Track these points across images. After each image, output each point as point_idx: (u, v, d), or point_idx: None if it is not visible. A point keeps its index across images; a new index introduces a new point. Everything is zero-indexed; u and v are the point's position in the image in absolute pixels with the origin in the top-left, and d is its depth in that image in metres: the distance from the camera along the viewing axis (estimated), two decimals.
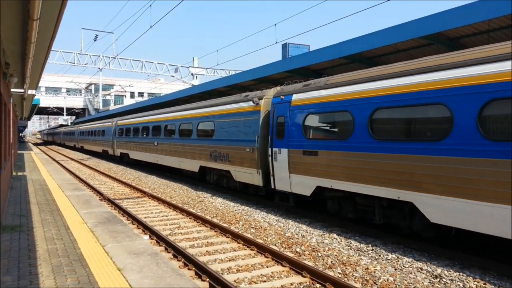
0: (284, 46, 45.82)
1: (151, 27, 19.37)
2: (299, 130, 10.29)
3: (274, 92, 12.19)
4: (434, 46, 11.19)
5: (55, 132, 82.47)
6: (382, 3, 10.25)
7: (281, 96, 11.11)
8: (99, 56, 45.31)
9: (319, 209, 10.95)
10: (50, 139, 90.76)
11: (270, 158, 11.33)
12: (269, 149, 11.38)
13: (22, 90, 13.58)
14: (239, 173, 12.99)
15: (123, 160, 29.38)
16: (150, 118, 22.83)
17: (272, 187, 11.38)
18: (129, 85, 67.97)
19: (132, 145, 25.51)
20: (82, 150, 48.60)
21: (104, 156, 37.19)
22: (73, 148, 55.73)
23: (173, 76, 49.17)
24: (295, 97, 10.62)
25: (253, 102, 12.31)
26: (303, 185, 10.09)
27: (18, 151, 37.60)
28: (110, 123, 31.79)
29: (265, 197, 12.66)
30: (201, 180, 17.31)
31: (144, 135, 23.30)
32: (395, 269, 6.73)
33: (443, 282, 6.16)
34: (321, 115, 9.83)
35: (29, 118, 46.01)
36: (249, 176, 12.45)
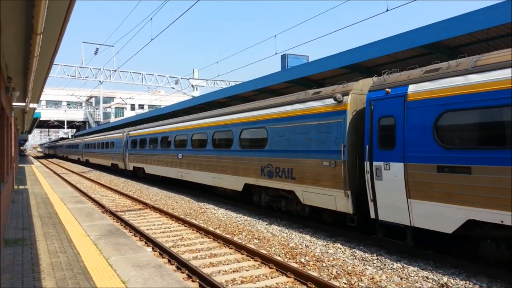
0: (283, 57, 46.15)
1: (151, 40, 19.52)
2: (427, 136, 7.29)
3: (365, 84, 9.46)
4: (433, 55, 11.26)
5: (57, 145, 79.54)
6: (381, 14, 10.36)
7: (386, 89, 8.18)
8: (99, 69, 45.55)
9: (466, 253, 7.90)
10: (52, 152, 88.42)
11: (368, 175, 8.41)
12: (366, 163, 8.46)
13: (24, 104, 13.63)
14: (311, 195, 10.07)
15: (138, 176, 26.17)
16: (172, 127, 19.64)
17: (372, 216, 8.40)
18: (130, 98, 68.31)
19: (149, 158, 22.39)
20: (87, 163, 46.09)
21: (105, 168, 36.99)
22: (77, 162, 53.57)
23: (173, 88, 49.36)
24: (413, 88, 7.66)
25: (335, 100, 9.35)
26: (439, 216, 7.05)
27: (19, 165, 37.59)
28: (120, 134, 28.74)
29: (356, 228, 9.60)
30: (245, 201, 14.39)
31: (164, 147, 20.16)
32: (401, 279, 6.68)
33: None
34: (472, 112, 6.72)
35: (30, 132, 46.06)
36: (329, 199, 9.48)
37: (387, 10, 10.31)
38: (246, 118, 13.12)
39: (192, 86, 49.44)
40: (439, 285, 6.36)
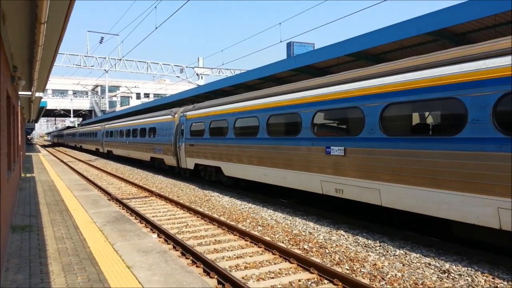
0: (289, 45, 45.86)
1: (156, 28, 19.47)
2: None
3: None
4: (439, 42, 11.15)
5: (68, 133, 68.39)
6: (386, 1, 10.24)
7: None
8: (105, 58, 45.63)
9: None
10: (61, 141, 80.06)
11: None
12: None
13: (30, 93, 13.72)
14: None
15: (201, 177, 17.54)
16: (263, 101, 12.28)
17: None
18: (135, 86, 68.37)
19: (234, 151, 13.80)
20: (107, 155, 37.68)
21: (111, 157, 37.03)
22: (93, 153, 45.21)
23: (178, 77, 49.34)
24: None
25: None
26: None
27: (26, 153, 37.96)
28: (169, 116, 20.56)
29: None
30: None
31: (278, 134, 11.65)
32: (403, 265, 6.74)
33: (451, 277, 6.15)
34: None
35: (36, 121, 46.43)
36: None
37: None
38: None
39: (197, 74, 49.38)
40: (441, 271, 6.41)
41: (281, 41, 18.15)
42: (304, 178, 10.36)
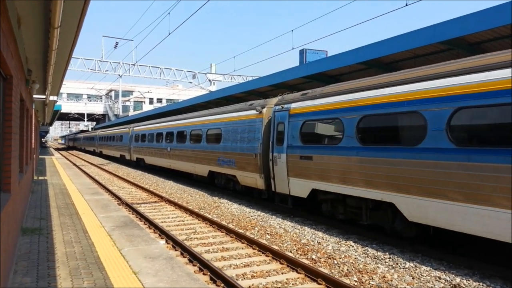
0: (302, 52, 45.84)
1: (169, 34, 19.65)
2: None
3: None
4: (453, 51, 11.02)
5: (86, 136, 62.11)
6: (400, 8, 10.17)
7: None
8: (119, 63, 46.17)
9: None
10: (77, 145, 74.95)
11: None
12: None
13: (44, 96, 13.92)
14: None
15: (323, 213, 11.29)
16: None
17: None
18: (148, 91, 69.02)
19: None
20: (136, 164, 30.99)
21: (124, 162, 37.16)
22: (119, 160, 38.25)
23: (191, 83, 49.68)
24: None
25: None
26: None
27: (40, 156, 38.48)
28: (251, 112, 13.77)
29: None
30: None
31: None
32: (413, 278, 6.60)
33: None
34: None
35: (51, 124, 47.08)
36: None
37: (406, 5, 10.11)
38: None
39: (210, 80, 49.66)
40: (451, 285, 6.26)
41: (293, 48, 18.18)
42: None
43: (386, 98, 8.38)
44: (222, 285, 6.17)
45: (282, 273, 6.91)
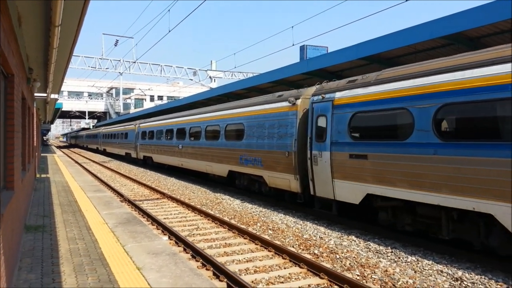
0: (302, 48, 45.74)
1: (169, 31, 19.63)
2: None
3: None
4: (454, 46, 11.01)
5: (88, 134, 60.52)
6: (401, 3, 10.15)
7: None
8: (119, 60, 46.12)
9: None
10: (79, 143, 73.06)
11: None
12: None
13: (45, 95, 13.94)
14: None
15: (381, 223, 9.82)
16: None
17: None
18: (149, 89, 68.99)
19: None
20: (143, 163, 30.06)
21: (125, 158, 37.30)
22: (121, 158, 38.35)
23: (191, 80, 49.64)
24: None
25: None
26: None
27: (42, 154, 38.56)
28: (283, 104, 12.15)
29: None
30: None
31: None
32: (415, 272, 6.64)
33: (464, 285, 6.04)
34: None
35: (52, 122, 47.12)
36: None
37: (405, 0, 10.10)
38: None
39: (210, 77, 49.61)
40: (453, 279, 6.30)
41: (293, 45, 18.13)
42: None
43: (481, 81, 6.60)
44: (225, 280, 6.22)
45: (285, 268, 6.95)
